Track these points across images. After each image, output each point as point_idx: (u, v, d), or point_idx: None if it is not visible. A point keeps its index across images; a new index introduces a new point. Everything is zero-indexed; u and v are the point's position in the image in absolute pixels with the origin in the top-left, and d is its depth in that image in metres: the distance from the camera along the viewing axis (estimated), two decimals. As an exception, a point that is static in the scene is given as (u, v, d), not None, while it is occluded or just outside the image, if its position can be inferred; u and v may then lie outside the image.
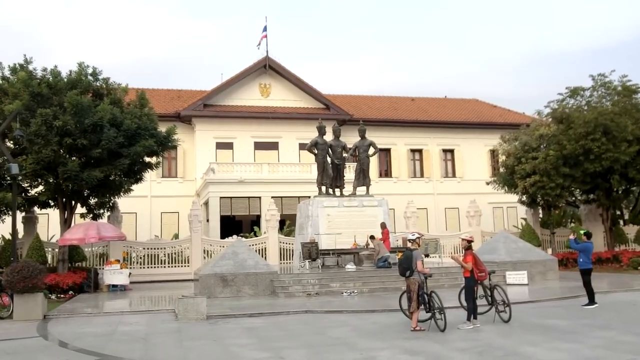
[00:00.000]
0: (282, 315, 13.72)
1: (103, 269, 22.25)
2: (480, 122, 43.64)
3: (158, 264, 26.88)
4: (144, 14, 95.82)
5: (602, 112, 27.05)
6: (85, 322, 13.41)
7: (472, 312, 11.50)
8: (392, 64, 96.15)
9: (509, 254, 21.23)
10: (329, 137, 24.62)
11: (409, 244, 11.42)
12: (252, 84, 39.16)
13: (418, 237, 11.44)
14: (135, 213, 36.33)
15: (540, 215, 32.82)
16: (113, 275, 21.51)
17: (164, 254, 26.94)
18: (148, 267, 26.67)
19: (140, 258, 26.61)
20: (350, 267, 20.76)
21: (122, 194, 24.04)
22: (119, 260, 22.74)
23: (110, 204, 25.34)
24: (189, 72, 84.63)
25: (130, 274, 22.31)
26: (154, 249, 27.08)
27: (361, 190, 24.67)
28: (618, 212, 33.04)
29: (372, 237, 21.33)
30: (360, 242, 22.34)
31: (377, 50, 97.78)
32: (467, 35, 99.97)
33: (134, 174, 24.01)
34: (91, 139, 20.93)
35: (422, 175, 42.51)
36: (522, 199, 31.12)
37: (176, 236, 31.30)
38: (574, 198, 32.70)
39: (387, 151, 41.05)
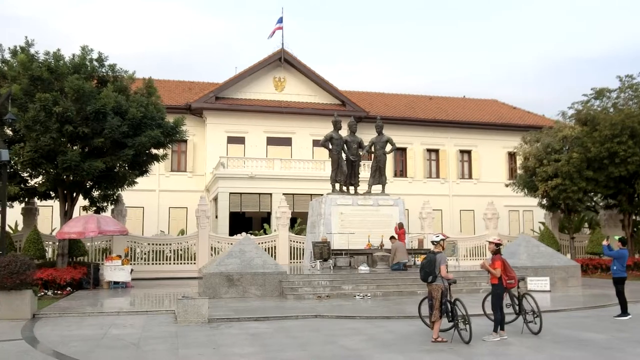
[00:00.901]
0: (290, 319, 12.64)
1: (104, 264, 21.21)
2: (499, 123, 42.35)
3: (163, 260, 25.93)
4: (158, 8, 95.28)
5: (629, 114, 25.80)
6: (76, 323, 12.38)
7: (499, 322, 10.36)
8: (409, 66, 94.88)
9: (531, 259, 20.03)
10: (344, 132, 23.53)
11: (432, 247, 10.31)
12: (266, 77, 38.13)
13: (442, 239, 10.33)
14: (143, 207, 35.51)
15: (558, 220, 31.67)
16: (114, 271, 20.52)
17: (170, 250, 25.96)
18: (153, 264, 25.72)
19: (145, 254, 25.64)
20: (364, 268, 19.68)
21: (126, 186, 23.07)
22: (120, 256, 21.75)
23: (114, 197, 24.45)
24: (202, 66, 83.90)
25: (132, 270, 21.30)
26: (160, 244, 26.11)
27: (377, 188, 23.56)
28: (639, 219, 31.70)
29: (392, 238, 20.22)
30: (375, 242, 21.25)
31: (393, 52, 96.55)
32: (487, 38, 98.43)
33: (139, 166, 23.03)
34: (93, 127, 19.98)
35: (437, 176, 41.30)
36: (542, 203, 29.87)
37: (182, 232, 30.34)
38: (593, 203, 31.47)
39: (402, 150, 39.86)
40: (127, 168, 22.71)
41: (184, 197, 35.57)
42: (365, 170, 30.90)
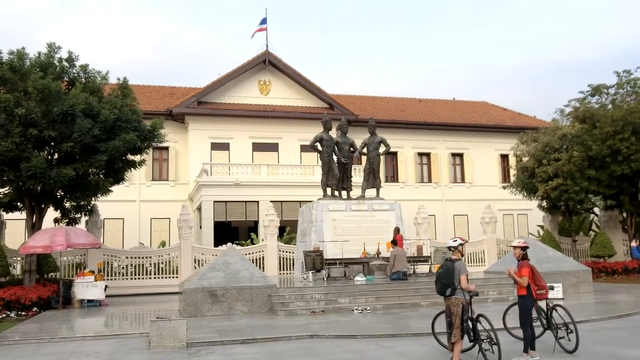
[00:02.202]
0: (282, 341, 11.00)
1: (75, 281, 19.36)
2: (491, 125, 41.13)
3: (144, 274, 24.15)
4: (140, 20, 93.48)
5: (631, 109, 24.61)
6: (32, 352, 10.58)
7: (529, 341, 8.78)
8: (395, 71, 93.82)
9: (539, 264, 18.43)
10: (335, 134, 22.01)
11: (449, 253, 8.74)
12: (251, 81, 36.53)
13: (461, 244, 8.77)
14: (123, 219, 33.74)
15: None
16: (86, 288, 18.68)
17: (150, 264, 24.20)
18: (132, 279, 23.95)
19: (123, 268, 23.86)
20: (360, 278, 18.09)
21: (100, 195, 21.32)
22: (93, 272, 19.94)
23: (89, 208, 22.70)
24: (186, 75, 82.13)
25: (106, 287, 19.50)
26: (139, 258, 24.33)
27: (371, 192, 22.04)
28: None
29: (394, 243, 18.62)
30: (371, 250, 19.70)
31: (378, 59, 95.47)
32: (476, 43, 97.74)
33: (115, 173, 21.32)
34: (61, 130, 18.26)
35: (430, 180, 39.88)
36: (542, 205, 28.54)
37: (164, 244, 28.56)
38: (591, 204, 30.25)
39: (393, 155, 38.39)
40: (101, 175, 21.02)
41: (167, 207, 33.77)
42: (357, 175, 29.47)
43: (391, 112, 40.39)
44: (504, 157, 41.35)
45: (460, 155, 40.80)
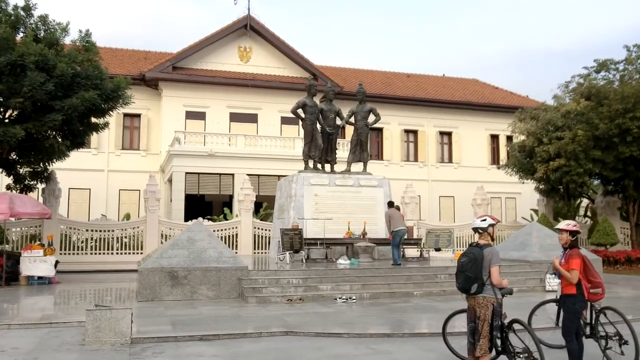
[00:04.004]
0: (251, 338, 8.97)
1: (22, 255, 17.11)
2: (482, 103, 39.20)
3: (106, 249, 21.96)
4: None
5: (644, 86, 22.72)
6: None
7: (576, 355, 6.66)
8: (384, 51, 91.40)
9: (544, 252, 16.69)
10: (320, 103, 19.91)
11: (476, 237, 6.61)
12: (231, 47, 34.06)
13: (492, 224, 6.52)
14: (89, 189, 31.41)
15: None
16: (33, 264, 16.46)
17: (112, 237, 22.00)
18: (93, 254, 21.76)
19: (82, 242, 21.64)
20: (343, 261, 16.15)
21: (55, 160, 19.04)
22: (43, 245, 17.69)
23: (46, 174, 20.40)
24: (165, 44, 78.83)
25: (57, 262, 17.29)
26: (101, 231, 22.11)
27: (358, 166, 20.01)
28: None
29: (391, 204, 16.52)
30: (356, 230, 17.72)
31: (366, 37, 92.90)
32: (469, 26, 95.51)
33: (74, 136, 19.04)
34: (10, 84, 15.98)
35: (416, 159, 37.95)
36: (540, 187, 26.76)
37: (128, 216, 26.32)
38: (587, 188, 28.61)
39: (379, 131, 36.39)
40: (58, 138, 18.73)
41: (137, 178, 31.38)
42: (343, 150, 27.47)
43: (378, 86, 38.23)
44: (494, 138, 39.66)
45: (449, 134, 38.95)
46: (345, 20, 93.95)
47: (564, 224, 7.02)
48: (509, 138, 37.35)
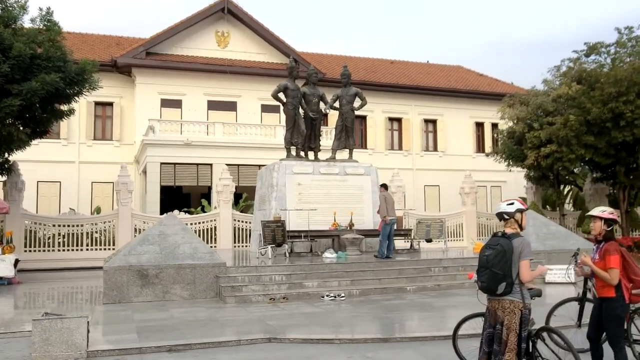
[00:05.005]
0: (228, 347, 7.77)
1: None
2: (467, 90, 38.26)
3: (74, 245, 20.59)
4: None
5: (637, 68, 21.84)
6: None
7: None
8: (367, 39, 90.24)
9: (541, 242, 15.75)
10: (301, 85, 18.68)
11: (503, 225, 5.39)
12: (207, 31, 32.58)
13: (521, 210, 5.32)
14: (59, 182, 29.84)
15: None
16: (-10, 263, 15.12)
17: (81, 232, 20.62)
18: (60, 250, 20.37)
19: (49, 238, 20.24)
20: (330, 255, 15.02)
21: (14, 149, 17.61)
22: (1, 242, 16.31)
23: (7, 166, 18.94)
24: (142, 31, 76.73)
25: (17, 261, 15.93)
26: (69, 226, 20.71)
27: (343, 154, 18.87)
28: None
29: (383, 186, 15.48)
30: (342, 221, 16.61)
31: (349, 27, 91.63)
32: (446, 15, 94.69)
33: (35, 123, 17.61)
34: (-41, 65, 14.52)
35: (400, 148, 36.93)
36: (530, 174, 25.90)
37: (99, 210, 24.90)
38: (575, 175, 27.81)
39: (362, 119, 35.27)
40: (19, 125, 17.29)
41: (110, 169, 29.82)
42: (326, 138, 26.33)
43: (361, 73, 37.03)
44: (479, 125, 38.84)
45: (434, 122, 37.98)
46: (326, 7, 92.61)
47: (598, 211, 5.88)
48: (495, 125, 36.58)
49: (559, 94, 23.27)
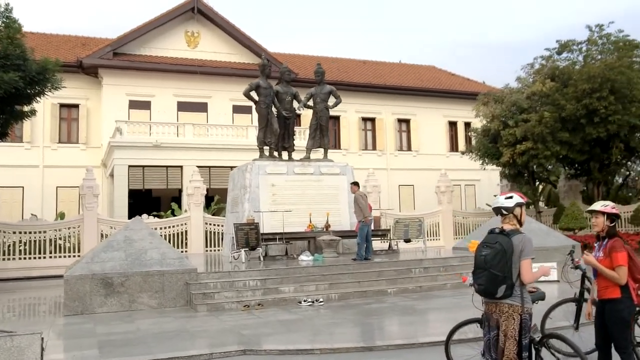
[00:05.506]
0: (199, 361, 7.18)
1: None
2: (439, 89, 38.17)
3: (37, 253, 19.65)
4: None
5: (609, 65, 21.85)
6: None
7: None
8: (341, 40, 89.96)
9: (521, 240, 15.40)
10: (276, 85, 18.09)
11: (501, 221, 4.85)
12: (177, 31, 31.75)
13: (519, 204, 4.79)
14: (22, 187, 28.69)
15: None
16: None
17: (44, 239, 19.69)
18: (21, 258, 19.41)
19: (10, 246, 19.26)
20: (306, 258, 14.49)
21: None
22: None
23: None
24: (108, 29, 75.19)
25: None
26: (30, 232, 19.75)
27: (318, 154, 18.33)
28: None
29: (354, 184, 14.96)
30: (318, 222, 16.06)
31: (322, 27, 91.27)
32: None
33: (-7, 126, 16.74)
34: None
35: (374, 148, 36.61)
36: (506, 172, 25.75)
37: (62, 215, 23.93)
38: (548, 172, 27.81)
39: (336, 119, 34.79)
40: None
41: (76, 173, 28.67)
42: (300, 138, 25.78)
43: (334, 73, 36.57)
44: (453, 125, 38.78)
45: (407, 122, 37.75)
46: (298, 8, 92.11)
47: (599, 205, 5.40)
48: (468, 125, 36.57)
49: (533, 91, 23.23)
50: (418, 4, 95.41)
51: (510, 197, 4.78)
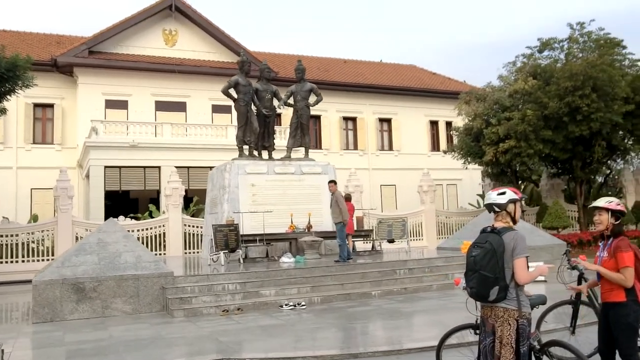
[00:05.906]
0: (173, 370, 6.75)
1: None
2: (421, 88, 38.00)
3: (8, 257, 18.98)
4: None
5: (591, 63, 21.78)
6: None
7: None
8: (321, 39, 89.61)
9: (506, 239, 15.16)
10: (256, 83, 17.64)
11: (493, 219, 4.52)
12: (154, 29, 31.13)
13: (513, 200, 4.42)
14: (-6, 189, 27.86)
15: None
16: None
17: (16, 243, 19.03)
18: (-7, 263, 18.77)
19: (-19, 250, 18.61)
20: (287, 260, 14.09)
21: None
22: None
23: None
24: (84, 28, 74.00)
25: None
26: (2, 236, 19.08)
27: (298, 153, 17.93)
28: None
29: (332, 182, 14.55)
30: (300, 223, 15.67)
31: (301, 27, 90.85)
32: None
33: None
34: None
35: (355, 147, 36.32)
36: (489, 170, 25.58)
37: (35, 218, 23.23)
38: (530, 171, 27.76)
39: (316, 118, 34.43)
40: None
41: (51, 175, 27.86)
42: (280, 138, 25.32)
43: (314, 72, 36.18)
44: (434, 124, 38.66)
45: (388, 121, 37.52)
46: (277, 6, 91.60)
47: (604, 202, 5.00)
48: (449, 124, 36.46)
49: (515, 89, 23.08)
50: (399, 3, 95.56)
51: (503, 193, 4.42)
